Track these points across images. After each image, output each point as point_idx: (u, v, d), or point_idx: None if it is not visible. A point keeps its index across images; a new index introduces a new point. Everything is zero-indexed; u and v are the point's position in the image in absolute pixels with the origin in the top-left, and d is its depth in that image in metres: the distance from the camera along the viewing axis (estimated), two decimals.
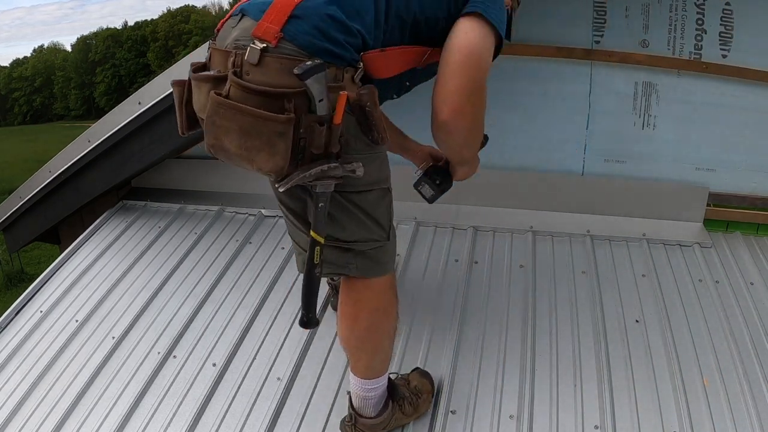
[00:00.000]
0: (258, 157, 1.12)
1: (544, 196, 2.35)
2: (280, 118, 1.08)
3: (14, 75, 47.24)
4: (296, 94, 1.10)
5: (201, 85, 1.19)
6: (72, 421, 1.75)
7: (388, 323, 1.45)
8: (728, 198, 2.33)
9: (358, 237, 1.33)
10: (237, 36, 1.17)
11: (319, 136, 1.12)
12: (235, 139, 1.11)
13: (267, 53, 1.11)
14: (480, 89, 1.28)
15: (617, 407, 1.58)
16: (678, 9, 2.17)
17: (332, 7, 1.14)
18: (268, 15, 1.14)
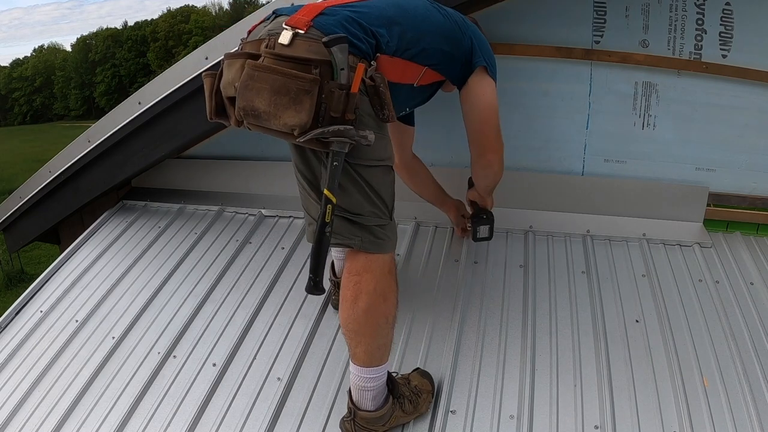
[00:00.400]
0: (285, 114, 1.26)
1: (544, 196, 2.35)
2: (308, 76, 1.26)
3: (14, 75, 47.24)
4: (321, 62, 1.28)
5: (233, 62, 1.34)
6: (72, 421, 1.75)
7: (386, 307, 1.48)
8: (728, 198, 2.33)
9: (363, 210, 1.45)
10: (270, 28, 1.37)
11: (338, 100, 1.27)
12: (266, 98, 1.26)
13: (297, 37, 1.30)
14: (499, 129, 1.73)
15: (617, 407, 1.58)
16: (678, 9, 2.17)
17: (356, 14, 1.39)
18: (300, 11, 1.36)
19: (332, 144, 1.30)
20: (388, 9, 1.48)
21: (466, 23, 1.70)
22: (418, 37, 1.50)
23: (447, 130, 2.42)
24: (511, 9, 2.24)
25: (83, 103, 44.83)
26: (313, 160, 1.44)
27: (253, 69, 1.27)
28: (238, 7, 47.27)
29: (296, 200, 2.57)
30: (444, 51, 1.58)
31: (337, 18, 1.36)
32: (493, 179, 1.86)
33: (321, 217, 1.31)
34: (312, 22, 1.33)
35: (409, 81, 1.56)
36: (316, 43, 1.29)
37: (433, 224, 2.37)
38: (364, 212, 1.45)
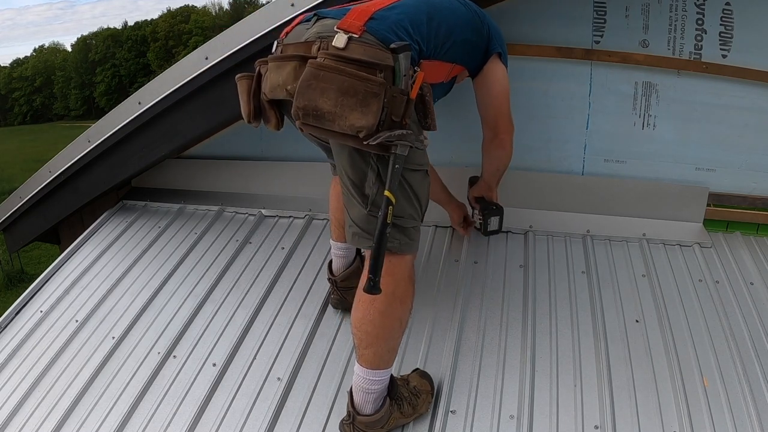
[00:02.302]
0: (352, 115, 1.26)
1: (544, 196, 2.35)
2: (378, 79, 1.27)
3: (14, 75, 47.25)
4: (386, 66, 1.30)
5: (283, 64, 1.36)
6: (72, 421, 1.75)
7: (402, 310, 1.49)
8: (728, 198, 2.33)
9: (404, 213, 1.48)
10: (318, 31, 1.38)
11: (400, 105, 1.29)
12: (332, 98, 1.26)
13: (352, 41, 1.32)
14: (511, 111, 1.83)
15: (617, 407, 1.58)
16: (678, 9, 2.17)
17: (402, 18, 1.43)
18: (350, 16, 1.38)
19: (396, 147, 1.32)
20: (422, 6, 1.51)
21: (482, 10, 1.76)
22: (449, 33, 1.55)
23: (447, 131, 2.42)
24: (511, 9, 2.24)
25: (83, 103, 44.82)
26: (359, 162, 1.43)
27: (318, 68, 1.28)
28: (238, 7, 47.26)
29: (296, 200, 2.58)
30: (471, 41, 1.65)
31: (387, 23, 1.39)
32: (505, 161, 1.92)
33: (382, 219, 1.31)
34: (365, 26, 1.35)
35: (439, 80, 1.62)
36: (372, 48, 1.32)
37: (433, 224, 2.36)
38: (405, 215, 1.48)
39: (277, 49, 1.47)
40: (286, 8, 2.03)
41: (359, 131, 1.27)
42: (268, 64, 1.43)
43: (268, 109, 1.47)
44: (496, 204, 2.08)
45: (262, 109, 1.49)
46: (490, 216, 2.06)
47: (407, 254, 1.52)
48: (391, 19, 1.41)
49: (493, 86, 1.76)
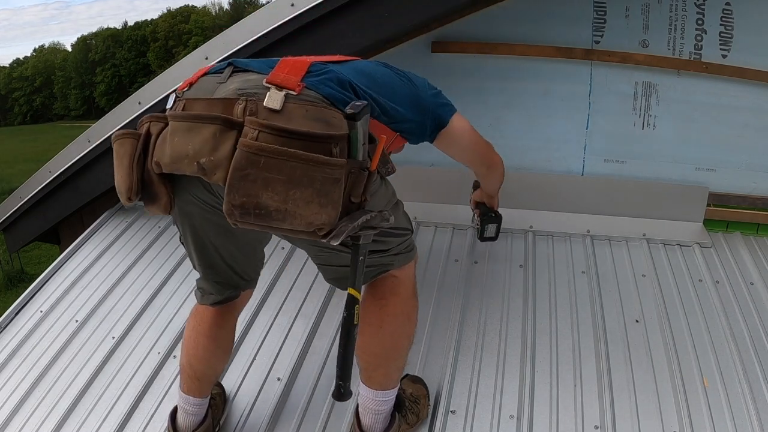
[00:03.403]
0: (307, 210, 0.99)
1: (544, 196, 2.35)
2: (339, 161, 0.99)
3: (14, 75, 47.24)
4: (342, 137, 1.02)
5: (196, 126, 1.02)
6: (72, 421, 1.75)
7: (410, 327, 1.45)
8: (728, 198, 2.33)
9: (394, 245, 1.39)
10: (239, 87, 1.07)
11: (361, 183, 1.05)
12: (279, 192, 0.97)
13: (290, 100, 1.03)
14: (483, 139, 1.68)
15: (617, 407, 1.58)
16: (678, 9, 2.17)
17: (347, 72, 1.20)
18: (280, 68, 1.10)
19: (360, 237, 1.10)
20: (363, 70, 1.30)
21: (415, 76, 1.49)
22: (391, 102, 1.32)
23: None
24: (511, 9, 2.24)
25: (83, 103, 44.81)
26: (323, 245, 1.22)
27: (257, 153, 0.96)
28: (238, 7, 47.27)
29: None
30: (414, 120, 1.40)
31: (328, 77, 1.12)
32: (501, 178, 1.88)
33: (347, 321, 1.14)
34: (303, 81, 1.07)
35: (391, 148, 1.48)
36: (317, 108, 1.04)
37: (433, 224, 2.36)
38: (394, 246, 1.40)
39: (176, 104, 1.12)
40: (286, 8, 2.03)
41: (318, 228, 1.02)
42: (168, 124, 1.07)
43: (157, 183, 1.10)
44: (495, 211, 2.05)
45: (147, 182, 1.11)
46: (487, 223, 2.05)
47: (409, 265, 1.46)
48: (333, 73, 1.15)
49: (461, 140, 1.56)
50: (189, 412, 1.50)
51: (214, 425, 1.58)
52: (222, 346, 1.51)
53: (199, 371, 1.46)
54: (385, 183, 1.33)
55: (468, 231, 2.31)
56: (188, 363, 1.47)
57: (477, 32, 2.29)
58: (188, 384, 1.48)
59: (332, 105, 1.07)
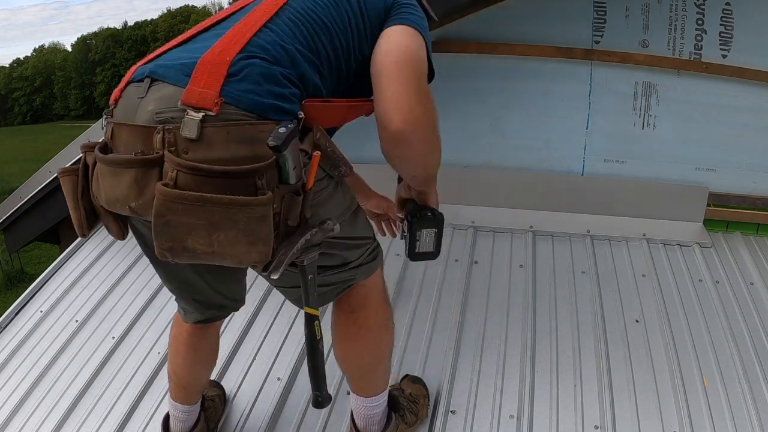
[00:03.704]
0: (235, 251, 0.93)
1: (544, 196, 2.35)
2: (261, 199, 0.91)
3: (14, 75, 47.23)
4: (267, 166, 0.92)
5: (119, 171, 0.96)
6: (72, 421, 1.75)
7: (387, 335, 1.40)
8: (728, 198, 2.33)
9: (353, 257, 1.25)
10: (155, 108, 0.95)
11: (296, 207, 0.97)
12: (203, 236, 0.92)
13: (207, 124, 0.91)
14: (427, 90, 1.08)
15: (617, 407, 1.58)
16: (678, 9, 2.17)
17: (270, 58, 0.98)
18: (197, 78, 0.94)
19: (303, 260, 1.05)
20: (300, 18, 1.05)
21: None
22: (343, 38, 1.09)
23: (447, 131, 2.42)
24: (511, 9, 2.24)
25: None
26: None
27: (174, 201, 0.89)
28: None
29: None
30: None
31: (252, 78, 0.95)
32: (413, 166, 1.19)
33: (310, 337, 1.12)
34: (221, 96, 0.92)
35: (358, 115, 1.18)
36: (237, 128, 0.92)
37: None
38: (354, 258, 1.25)
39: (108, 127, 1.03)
40: None
41: (253, 265, 0.99)
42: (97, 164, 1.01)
43: (104, 215, 1.08)
44: (431, 210, 1.33)
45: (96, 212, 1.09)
46: (420, 227, 1.32)
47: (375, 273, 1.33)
48: (255, 68, 0.96)
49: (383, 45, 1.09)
50: (179, 418, 1.49)
51: (209, 428, 1.57)
52: (203, 356, 1.47)
53: (184, 380, 1.44)
54: (342, 189, 1.17)
55: (468, 230, 2.31)
56: (173, 371, 1.45)
57: (477, 32, 2.29)
58: (175, 392, 1.47)
59: (260, 117, 0.94)
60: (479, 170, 2.41)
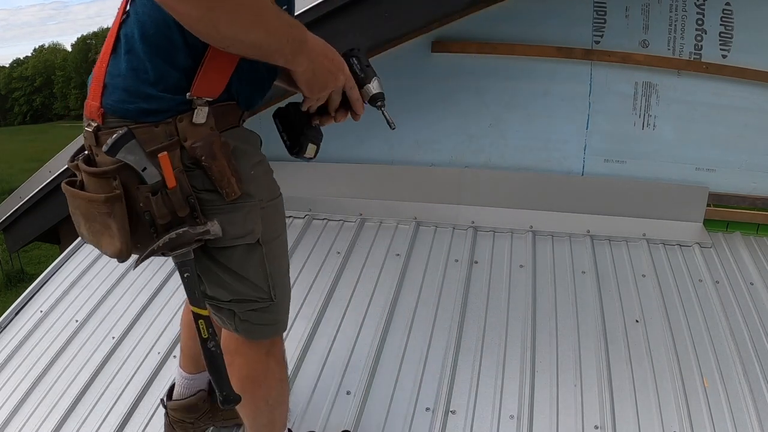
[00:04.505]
0: (102, 241, 1.06)
1: (544, 196, 2.35)
2: (99, 198, 1.01)
3: (14, 75, 47.25)
4: (118, 169, 1.00)
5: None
6: (72, 421, 1.75)
7: (263, 390, 1.28)
8: (728, 198, 2.33)
9: (232, 297, 1.17)
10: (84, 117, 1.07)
11: (159, 205, 1.02)
12: (83, 225, 1.08)
13: (99, 132, 1.01)
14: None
15: (617, 407, 1.58)
16: (678, 9, 2.17)
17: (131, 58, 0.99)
18: (91, 90, 1.04)
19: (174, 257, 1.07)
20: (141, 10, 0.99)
21: None
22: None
23: (447, 131, 2.42)
24: (511, 9, 2.24)
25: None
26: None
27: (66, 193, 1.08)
28: None
29: (295, 200, 2.58)
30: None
31: (120, 85, 0.99)
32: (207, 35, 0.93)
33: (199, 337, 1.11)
34: (102, 107, 1.00)
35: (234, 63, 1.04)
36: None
37: (433, 224, 2.36)
38: (234, 299, 1.17)
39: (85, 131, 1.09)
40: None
41: (116, 258, 1.06)
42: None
43: None
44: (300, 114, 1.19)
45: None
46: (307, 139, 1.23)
47: (262, 340, 1.24)
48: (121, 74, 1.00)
49: None
50: (181, 384, 1.55)
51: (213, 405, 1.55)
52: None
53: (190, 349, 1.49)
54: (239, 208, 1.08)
55: (468, 230, 2.31)
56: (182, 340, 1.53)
57: (477, 32, 2.29)
58: (182, 360, 1.54)
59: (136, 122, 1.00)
60: (479, 170, 2.41)
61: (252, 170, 1.10)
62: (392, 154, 2.45)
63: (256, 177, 1.11)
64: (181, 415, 1.53)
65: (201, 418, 1.54)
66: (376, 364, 1.76)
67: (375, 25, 2.08)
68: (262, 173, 1.15)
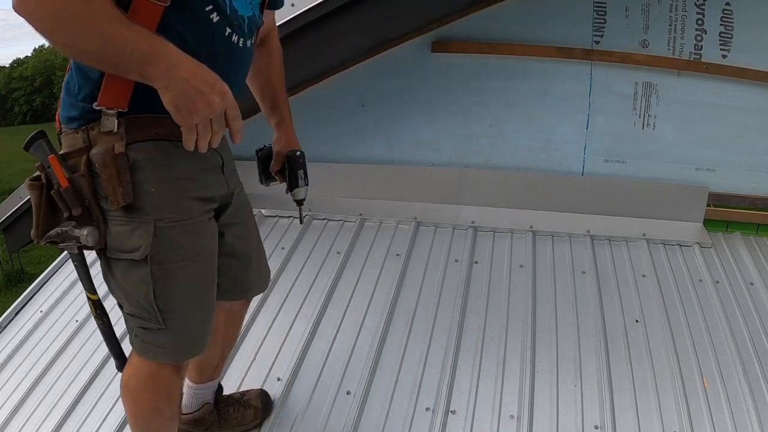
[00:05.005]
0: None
1: (544, 196, 2.35)
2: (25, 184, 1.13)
3: (14, 75, 47.25)
4: (39, 167, 1.11)
5: None
6: (72, 421, 1.75)
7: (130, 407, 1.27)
8: (728, 198, 2.33)
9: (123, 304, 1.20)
10: None
11: (58, 200, 1.09)
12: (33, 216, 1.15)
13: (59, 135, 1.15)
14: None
15: (617, 407, 1.58)
16: (678, 9, 2.17)
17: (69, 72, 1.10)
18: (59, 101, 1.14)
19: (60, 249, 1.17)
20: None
21: None
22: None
23: (447, 131, 2.42)
24: (511, 9, 2.24)
25: None
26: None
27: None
28: None
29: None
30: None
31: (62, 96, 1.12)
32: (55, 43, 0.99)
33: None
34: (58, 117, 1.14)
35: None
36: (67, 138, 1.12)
37: (433, 224, 2.36)
38: (125, 307, 1.20)
39: None
40: (286, 8, 2.02)
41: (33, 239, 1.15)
42: None
43: None
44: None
45: None
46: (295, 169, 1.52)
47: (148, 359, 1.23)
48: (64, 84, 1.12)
49: None
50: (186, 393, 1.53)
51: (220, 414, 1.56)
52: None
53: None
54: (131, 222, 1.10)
55: (468, 230, 2.31)
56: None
57: (477, 32, 2.29)
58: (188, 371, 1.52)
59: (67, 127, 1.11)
60: (479, 170, 2.41)
61: (153, 187, 1.08)
62: (392, 154, 2.45)
63: (159, 194, 1.09)
64: (189, 427, 1.54)
65: (209, 429, 1.55)
66: (376, 364, 1.76)
67: (375, 25, 2.08)
68: (169, 191, 1.10)
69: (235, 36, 1.10)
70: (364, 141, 2.44)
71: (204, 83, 0.97)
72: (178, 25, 1.00)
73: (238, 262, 1.38)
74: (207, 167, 1.18)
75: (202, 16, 1.03)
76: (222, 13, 1.05)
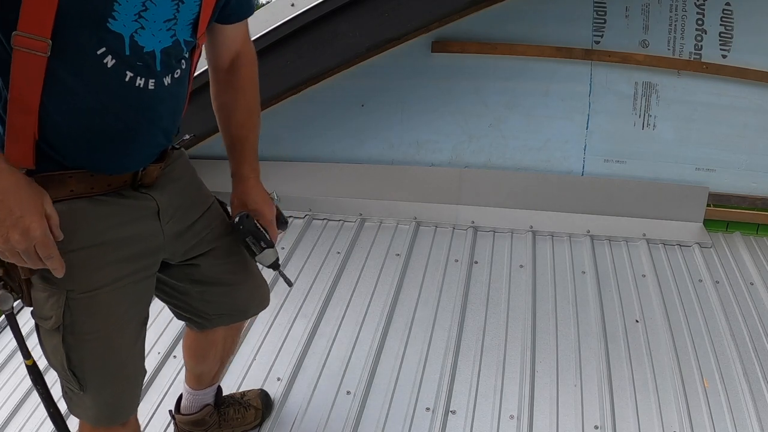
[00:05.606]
0: None
1: (544, 196, 2.35)
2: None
3: None
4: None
5: None
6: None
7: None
8: (728, 198, 2.33)
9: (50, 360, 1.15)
10: None
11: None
12: None
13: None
14: None
15: (617, 407, 1.58)
16: (678, 9, 2.17)
17: None
18: None
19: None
20: None
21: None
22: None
23: (447, 131, 2.42)
24: (511, 9, 2.24)
25: None
26: None
27: None
28: None
29: (296, 200, 2.57)
30: None
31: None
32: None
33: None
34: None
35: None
36: None
37: (433, 224, 2.36)
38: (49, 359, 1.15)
39: None
40: (286, 8, 2.03)
41: None
42: None
43: None
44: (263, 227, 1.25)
45: None
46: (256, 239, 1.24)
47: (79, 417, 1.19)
48: None
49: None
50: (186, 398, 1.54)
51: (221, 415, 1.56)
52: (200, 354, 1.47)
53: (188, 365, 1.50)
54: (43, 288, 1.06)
55: (468, 230, 2.31)
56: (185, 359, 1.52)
57: (477, 32, 2.29)
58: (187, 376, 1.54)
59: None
60: (479, 170, 2.41)
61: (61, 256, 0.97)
62: (392, 154, 2.45)
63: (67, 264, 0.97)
64: (190, 428, 1.54)
65: (209, 430, 1.55)
66: (376, 363, 1.76)
67: (375, 25, 2.08)
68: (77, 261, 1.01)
69: (140, 79, 0.93)
70: (364, 141, 2.44)
71: (9, 213, 0.83)
72: (66, 76, 0.88)
73: (225, 289, 1.31)
74: (134, 218, 1.05)
75: (94, 62, 0.89)
76: (119, 56, 0.90)
